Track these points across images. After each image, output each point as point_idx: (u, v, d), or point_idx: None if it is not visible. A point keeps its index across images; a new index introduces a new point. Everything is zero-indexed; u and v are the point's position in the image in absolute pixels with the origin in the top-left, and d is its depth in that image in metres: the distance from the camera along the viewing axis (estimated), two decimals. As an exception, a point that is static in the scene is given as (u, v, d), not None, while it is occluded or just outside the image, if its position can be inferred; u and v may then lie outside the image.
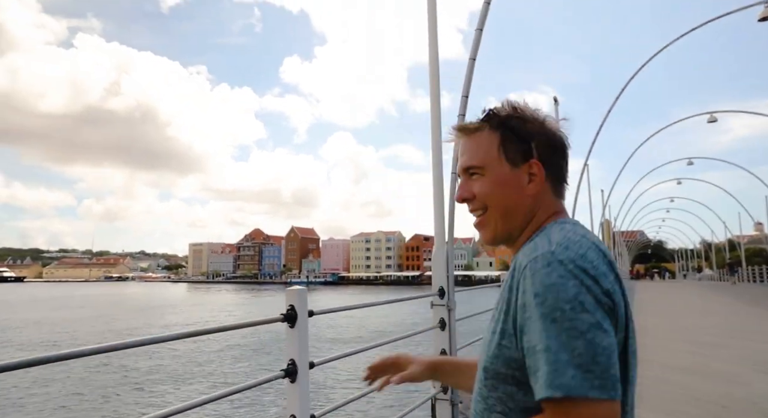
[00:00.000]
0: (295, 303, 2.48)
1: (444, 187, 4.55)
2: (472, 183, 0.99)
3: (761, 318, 11.36)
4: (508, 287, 0.87)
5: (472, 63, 4.59)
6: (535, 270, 0.80)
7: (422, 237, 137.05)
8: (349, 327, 26.32)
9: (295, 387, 2.43)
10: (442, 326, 4.29)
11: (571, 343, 0.73)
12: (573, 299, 0.75)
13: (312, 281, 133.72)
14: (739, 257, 43.24)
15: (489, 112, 0.98)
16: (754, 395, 4.64)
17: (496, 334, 0.87)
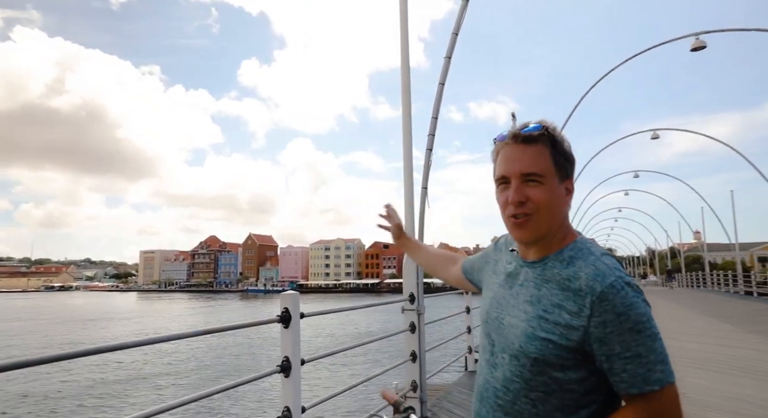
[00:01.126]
0: (289, 306, 2.76)
1: (414, 197, 4.91)
2: (528, 188, 1.08)
3: (692, 320, 12.38)
4: (570, 296, 1.02)
5: (441, 87, 4.98)
6: (614, 295, 0.98)
7: (382, 245, 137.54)
8: (318, 335, 26.33)
9: (289, 382, 2.71)
10: (412, 329, 4.63)
11: (653, 346, 0.97)
12: (645, 313, 0.98)
13: (270, 289, 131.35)
14: (679, 264, 46.13)
15: (545, 128, 1.09)
16: (685, 388, 5.23)
17: (549, 330, 1.03)
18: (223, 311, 52.87)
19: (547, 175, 1.08)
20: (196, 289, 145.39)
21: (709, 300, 20.19)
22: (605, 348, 0.98)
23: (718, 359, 6.98)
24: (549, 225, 1.10)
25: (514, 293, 1.14)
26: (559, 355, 1.02)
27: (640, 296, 0.99)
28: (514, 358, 1.08)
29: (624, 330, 0.96)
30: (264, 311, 54.99)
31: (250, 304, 70.42)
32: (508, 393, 1.09)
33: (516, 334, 1.08)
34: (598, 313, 0.97)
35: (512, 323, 1.10)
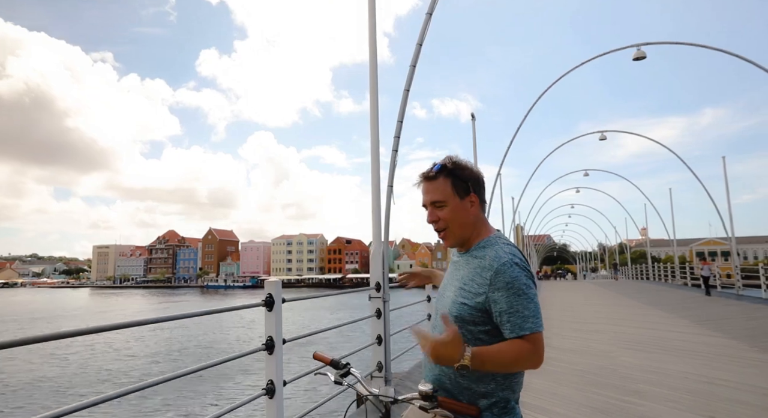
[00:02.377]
0: (272, 292, 3.15)
1: (381, 195, 5.34)
2: (437, 211, 1.57)
3: (630, 308, 13.47)
4: (478, 273, 1.48)
5: (407, 94, 5.43)
6: (504, 270, 1.42)
7: (344, 240, 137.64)
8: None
9: (272, 358, 3.11)
10: (378, 315, 5.09)
11: (530, 305, 1.39)
12: (527, 283, 1.42)
13: (230, 284, 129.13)
14: (626, 259, 48.76)
15: (441, 165, 1.57)
16: (617, 365, 5.94)
17: (464, 298, 1.48)
18: (183, 307, 51.82)
19: (448, 200, 1.55)
20: (153, 285, 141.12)
21: (648, 290, 21.70)
22: (497, 306, 1.42)
23: (649, 340, 7.82)
24: (461, 231, 1.58)
25: (450, 276, 1.65)
26: (471, 313, 1.46)
27: (523, 272, 1.44)
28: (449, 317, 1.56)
29: (510, 294, 1.40)
30: (231, 305, 54.35)
31: (211, 299, 69.25)
32: None
33: (447, 302, 1.56)
34: (494, 282, 1.43)
35: (447, 295, 1.60)
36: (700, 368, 5.73)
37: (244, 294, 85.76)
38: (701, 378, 5.26)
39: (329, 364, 1.73)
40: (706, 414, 4.01)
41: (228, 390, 12.73)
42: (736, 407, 4.19)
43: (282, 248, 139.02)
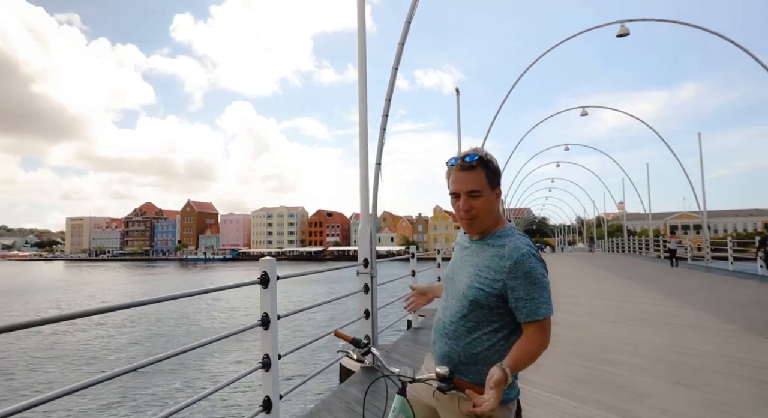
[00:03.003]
0: (267, 270, 3.21)
1: (369, 171, 5.39)
2: (471, 201, 1.63)
3: (606, 281, 13.96)
4: (497, 261, 1.58)
5: (395, 72, 5.41)
6: (523, 261, 1.54)
7: (325, 213, 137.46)
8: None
9: (268, 333, 3.19)
10: (365, 290, 5.21)
11: (544, 293, 1.54)
12: (542, 273, 1.55)
13: (210, 257, 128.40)
14: (603, 232, 50.01)
15: (478, 157, 1.62)
16: (594, 337, 6.22)
17: (482, 284, 1.59)
18: (163, 280, 51.53)
19: (483, 190, 1.63)
20: (131, 258, 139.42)
21: (623, 263, 22.43)
22: (515, 293, 1.55)
23: (621, 312, 8.17)
24: (488, 221, 1.67)
25: (462, 260, 1.74)
26: (487, 298, 1.59)
27: (539, 262, 1.57)
28: (458, 301, 1.66)
29: (528, 283, 1.53)
30: (212, 278, 54.21)
31: (192, 273, 68.91)
32: (452, 323, 1.66)
33: (462, 285, 1.66)
34: (513, 271, 1.55)
35: (460, 279, 1.69)
36: (671, 339, 6.05)
37: (225, 267, 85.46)
38: (671, 348, 5.56)
39: (351, 342, 1.81)
40: (674, 381, 4.28)
41: (222, 366, 12.93)
42: (702, 374, 4.47)
43: (262, 220, 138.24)
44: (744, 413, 3.48)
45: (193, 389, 10.76)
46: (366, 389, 1.85)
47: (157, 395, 10.29)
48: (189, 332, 18.08)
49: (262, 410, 3.12)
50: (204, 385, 11.02)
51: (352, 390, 4.37)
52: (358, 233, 5.36)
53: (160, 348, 15.36)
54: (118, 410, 9.45)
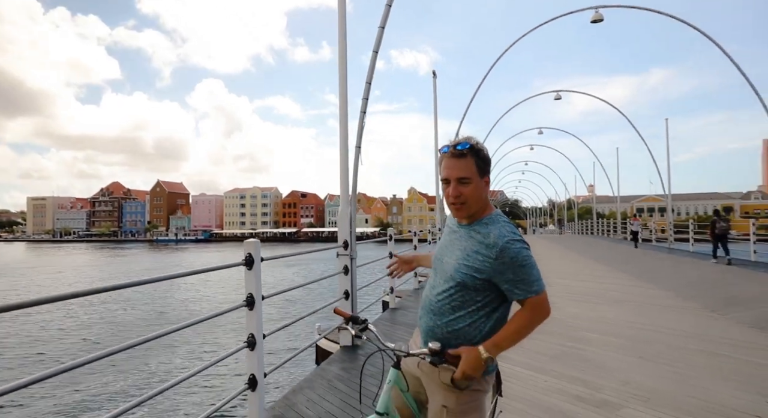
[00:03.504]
0: (252, 252, 3.26)
1: (349, 154, 5.43)
2: (461, 187, 1.71)
3: (576, 262, 14.47)
4: (483, 248, 1.67)
5: (375, 55, 5.42)
6: (509, 247, 1.63)
7: (299, 194, 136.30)
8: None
9: (253, 314, 3.26)
10: (345, 271, 5.30)
11: (533, 271, 1.64)
12: (527, 255, 1.65)
13: (182, 238, 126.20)
14: (573, 215, 51.30)
15: (469, 145, 1.69)
16: (565, 316, 6.50)
17: (470, 266, 1.68)
18: (134, 262, 50.47)
19: (473, 177, 1.71)
20: (98, 239, 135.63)
21: (592, 245, 23.19)
22: (504, 277, 1.65)
23: (591, 292, 8.53)
24: (476, 207, 1.75)
25: (451, 243, 1.82)
26: (473, 281, 1.68)
27: (524, 246, 1.67)
28: (446, 282, 1.75)
29: (515, 267, 1.63)
30: (186, 260, 53.38)
31: (163, 254, 67.62)
32: (438, 301, 1.77)
33: (450, 267, 1.75)
34: (500, 258, 1.64)
35: (448, 261, 1.78)
36: (635, 316, 6.39)
37: (198, 249, 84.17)
38: (636, 325, 5.88)
39: (349, 319, 1.90)
40: (637, 356, 4.56)
41: (206, 347, 13.00)
42: (662, 349, 4.77)
43: (235, 201, 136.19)
44: (699, 383, 3.76)
45: (179, 370, 10.79)
46: (363, 362, 1.97)
47: (142, 376, 10.27)
48: (161, 317, 17.90)
49: (247, 388, 3.21)
50: (188, 365, 11.06)
51: (333, 368, 4.49)
52: (337, 215, 5.42)
53: (134, 333, 15.21)
54: (103, 391, 9.40)
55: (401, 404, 1.89)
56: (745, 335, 5.34)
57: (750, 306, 7.09)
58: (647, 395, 3.51)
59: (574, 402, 3.40)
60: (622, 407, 3.30)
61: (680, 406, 3.31)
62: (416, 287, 9.89)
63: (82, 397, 8.95)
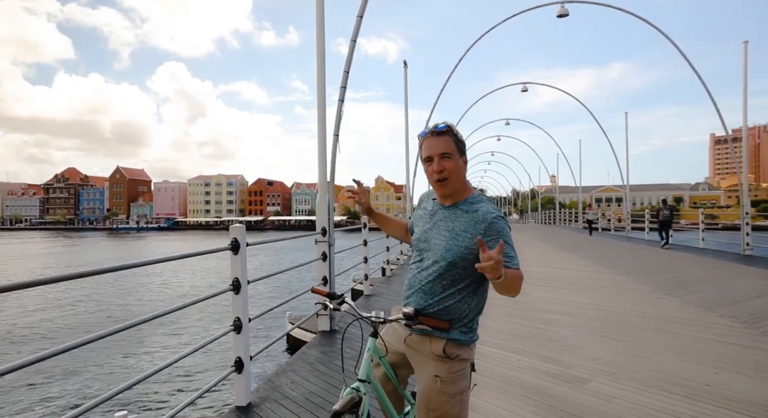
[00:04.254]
0: (237, 237, 3.30)
1: (327, 142, 5.47)
2: (443, 162, 1.80)
3: (539, 249, 15.02)
4: (473, 226, 1.78)
5: (353, 44, 5.45)
6: (496, 222, 1.76)
7: (266, 181, 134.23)
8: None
9: (239, 298, 3.32)
10: (323, 258, 5.38)
11: (513, 249, 1.76)
12: (509, 233, 1.79)
13: (143, 226, 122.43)
14: (537, 204, 52.74)
15: (447, 125, 1.82)
16: (531, 299, 6.80)
17: (462, 246, 1.77)
18: (92, 251, 48.64)
19: (453, 153, 1.82)
20: (53, 226, 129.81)
21: (554, 233, 24.01)
22: None
23: (555, 278, 8.91)
24: (458, 183, 1.85)
25: (434, 225, 1.90)
26: (464, 259, 1.78)
27: (506, 224, 1.82)
28: (436, 262, 1.83)
29: (500, 241, 1.75)
30: (148, 248, 51.85)
31: (124, 242, 65.42)
32: (429, 282, 1.84)
33: (439, 248, 1.83)
34: (488, 232, 1.75)
35: (437, 242, 1.85)
36: (596, 299, 6.75)
37: (161, 237, 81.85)
38: (598, 307, 6.23)
39: (327, 295, 2.01)
40: (601, 335, 4.86)
41: (199, 325, 13.01)
42: (623, 328, 5.10)
43: (199, 188, 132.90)
44: (656, 357, 4.07)
45: (168, 350, 10.69)
46: (342, 332, 2.08)
47: (127, 362, 10.05)
48: (130, 307, 17.47)
49: (234, 370, 3.27)
50: (178, 349, 10.96)
51: (313, 352, 4.59)
52: (305, 203, 5.47)
53: (111, 321, 14.79)
54: (87, 377, 9.16)
55: (380, 375, 1.99)
56: (694, 314, 5.76)
57: (696, 289, 7.60)
58: (612, 371, 3.78)
59: (545, 378, 3.63)
60: (590, 382, 3.54)
61: (642, 379, 3.58)
62: (389, 275, 10.06)
63: (60, 387, 8.72)
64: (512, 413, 3.03)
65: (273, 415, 3.15)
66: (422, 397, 1.83)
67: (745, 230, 13.02)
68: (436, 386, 1.79)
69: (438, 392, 1.78)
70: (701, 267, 10.21)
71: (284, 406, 3.29)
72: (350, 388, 1.78)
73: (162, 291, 20.25)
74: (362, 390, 1.79)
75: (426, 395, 1.81)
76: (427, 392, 1.81)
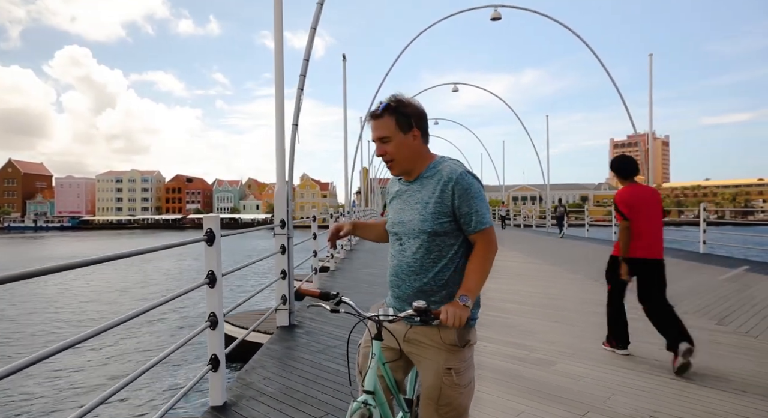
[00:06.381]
0: (212, 227, 3.13)
1: (285, 134, 5.31)
2: (384, 146, 1.72)
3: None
4: (439, 188, 1.67)
5: (313, 32, 5.36)
6: (461, 179, 1.66)
7: (185, 178, 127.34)
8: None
9: (214, 292, 3.15)
10: (282, 251, 5.23)
11: (485, 205, 1.68)
12: (479, 188, 1.69)
13: (42, 225, 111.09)
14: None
15: (386, 104, 1.71)
16: (485, 289, 7.05)
17: (434, 212, 1.67)
18: (-18, 253, 43.27)
19: (393, 135, 1.72)
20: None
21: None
22: (461, 209, 1.66)
23: (499, 269, 9.33)
24: (406, 163, 1.76)
25: (404, 203, 1.79)
26: (442, 226, 1.68)
27: (474, 178, 1.70)
28: (416, 238, 1.71)
29: (469, 198, 1.66)
30: (46, 251, 46.95)
31: (13, 245, 58.88)
32: (416, 261, 1.72)
33: (414, 223, 1.72)
34: (456, 191, 1.66)
35: (409, 218, 1.74)
36: (539, 288, 7.17)
37: (64, 237, 74.71)
38: (542, 295, 6.61)
39: (319, 296, 1.73)
40: (552, 321, 5.17)
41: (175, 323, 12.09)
42: (569, 313, 5.47)
43: (110, 185, 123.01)
44: (596, 336, 4.40)
45: (143, 353, 9.70)
46: (348, 337, 1.78)
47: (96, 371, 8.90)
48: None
49: (210, 369, 3.08)
50: (156, 346, 10.05)
51: (277, 347, 4.44)
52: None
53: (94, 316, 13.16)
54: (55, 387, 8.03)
55: (382, 385, 1.77)
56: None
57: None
58: (572, 352, 4.03)
59: (515, 362, 3.79)
60: (556, 363, 3.75)
61: (600, 359, 3.86)
62: (333, 270, 9.97)
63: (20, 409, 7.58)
64: (492, 396, 3.14)
65: (254, 413, 3.02)
66: (432, 393, 1.69)
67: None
68: (450, 380, 1.66)
69: (452, 386, 1.66)
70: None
71: (263, 403, 3.16)
72: (357, 402, 1.59)
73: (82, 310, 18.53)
74: (371, 403, 1.59)
75: (436, 391, 1.67)
76: (438, 387, 1.67)
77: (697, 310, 5.61)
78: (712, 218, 26.75)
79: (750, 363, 3.72)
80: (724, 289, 7.01)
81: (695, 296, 6.50)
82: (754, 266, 9.39)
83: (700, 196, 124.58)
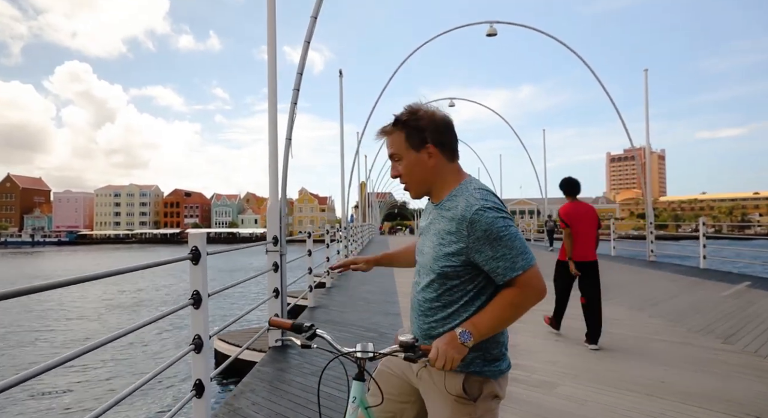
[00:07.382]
0: (198, 245, 3.00)
1: (278, 149, 5.22)
2: (396, 165, 1.49)
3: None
4: (454, 225, 1.37)
5: (307, 45, 5.29)
6: (478, 218, 1.32)
7: (183, 192, 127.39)
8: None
9: (199, 313, 3.01)
10: (275, 268, 5.09)
11: (515, 245, 1.32)
12: (504, 224, 1.33)
13: (40, 240, 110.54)
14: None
15: (396, 119, 1.46)
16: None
17: (448, 253, 1.39)
18: (-24, 268, 42.85)
19: (402, 153, 1.47)
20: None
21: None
22: (482, 255, 1.34)
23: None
24: (419, 184, 1.50)
25: (428, 229, 1.53)
26: (454, 268, 1.39)
27: (498, 214, 1.35)
28: (427, 276, 1.47)
29: (491, 240, 1.32)
30: (39, 267, 46.54)
31: (8, 259, 58.43)
32: (425, 302, 1.48)
33: (428, 258, 1.47)
34: (472, 233, 1.34)
35: (426, 251, 1.49)
36: (540, 304, 6.99)
37: (61, 253, 74.24)
38: (540, 311, 6.40)
39: (290, 329, 1.49)
40: (553, 339, 5.02)
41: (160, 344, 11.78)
42: (568, 331, 5.31)
43: (108, 199, 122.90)
44: (607, 357, 4.25)
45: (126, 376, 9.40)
46: (320, 375, 1.62)
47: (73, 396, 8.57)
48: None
49: (194, 395, 2.93)
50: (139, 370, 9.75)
51: (268, 370, 4.28)
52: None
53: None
54: None
55: None
56: (626, 315, 6.29)
57: (619, 292, 8.15)
58: (574, 373, 3.88)
59: (515, 384, 3.63)
60: (558, 385, 3.60)
61: (604, 380, 3.70)
62: (329, 286, 9.80)
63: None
64: (492, 422, 2.98)
65: (240, 442, 2.85)
66: None
67: (649, 239, 14.29)
68: None
69: None
70: (617, 273, 11.04)
71: (250, 431, 2.99)
72: None
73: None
74: None
75: None
76: None
77: (702, 328, 5.47)
78: (709, 231, 26.88)
79: (761, 385, 3.57)
80: (727, 305, 6.88)
81: (698, 313, 6.37)
82: (756, 282, 9.25)
83: (696, 210, 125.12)
